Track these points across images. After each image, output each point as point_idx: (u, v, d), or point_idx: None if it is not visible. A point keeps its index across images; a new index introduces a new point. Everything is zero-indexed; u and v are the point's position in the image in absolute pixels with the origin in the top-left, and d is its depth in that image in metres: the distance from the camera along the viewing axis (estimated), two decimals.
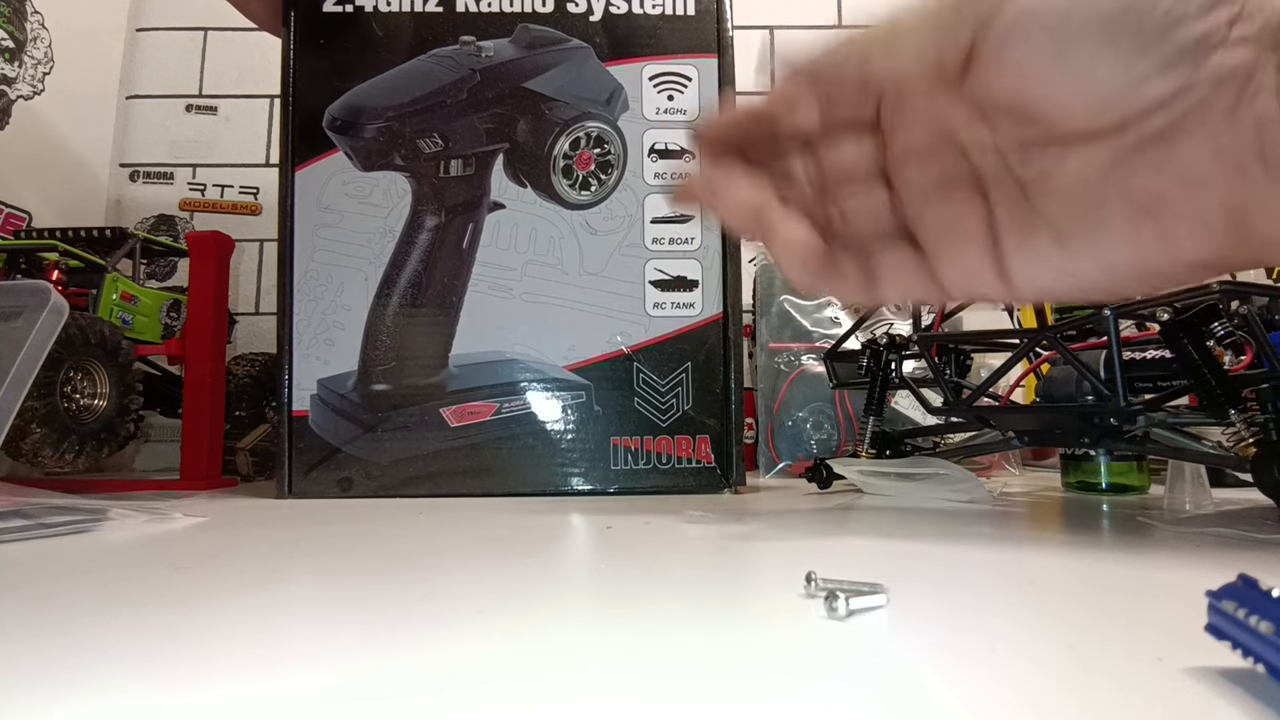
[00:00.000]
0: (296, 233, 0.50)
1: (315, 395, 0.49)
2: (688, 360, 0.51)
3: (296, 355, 0.49)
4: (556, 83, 0.51)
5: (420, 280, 0.50)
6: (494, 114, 0.51)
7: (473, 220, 0.50)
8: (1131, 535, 0.32)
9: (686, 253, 0.52)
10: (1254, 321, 0.35)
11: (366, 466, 0.48)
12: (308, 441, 0.49)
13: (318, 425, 0.49)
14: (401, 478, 0.49)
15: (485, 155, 0.51)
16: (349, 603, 0.21)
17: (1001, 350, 0.50)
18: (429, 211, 0.50)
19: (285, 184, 0.50)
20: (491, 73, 0.51)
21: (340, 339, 0.49)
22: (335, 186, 0.50)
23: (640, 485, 0.50)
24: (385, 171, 0.50)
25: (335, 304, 0.50)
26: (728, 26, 0.53)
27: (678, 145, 0.52)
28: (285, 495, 0.48)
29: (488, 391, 0.50)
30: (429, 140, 0.50)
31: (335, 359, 0.49)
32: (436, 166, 0.50)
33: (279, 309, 0.49)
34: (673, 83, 0.53)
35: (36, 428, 0.46)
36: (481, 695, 0.14)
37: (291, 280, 0.49)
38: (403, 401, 0.49)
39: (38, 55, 0.76)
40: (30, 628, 0.18)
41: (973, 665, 0.15)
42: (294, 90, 0.50)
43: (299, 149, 0.50)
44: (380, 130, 0.50)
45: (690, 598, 0.22)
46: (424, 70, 0.51)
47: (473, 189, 0.50)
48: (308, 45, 0.51)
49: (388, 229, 0.50)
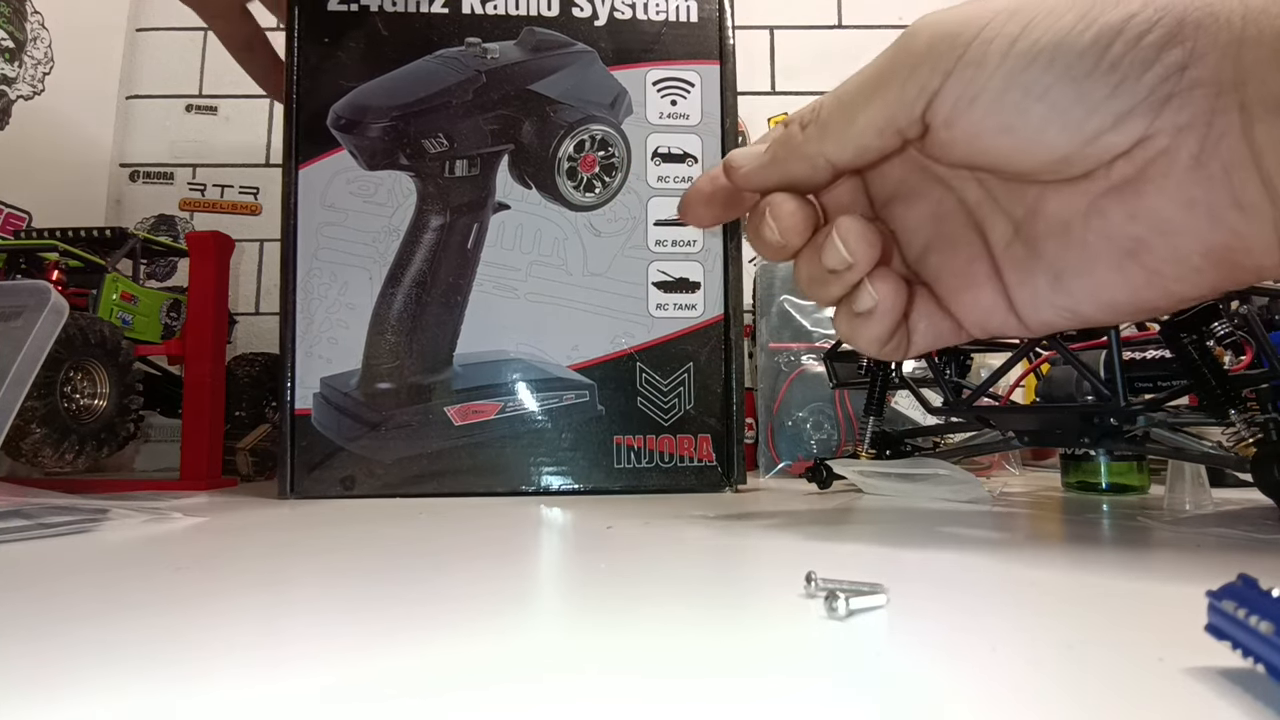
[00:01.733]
0: (300, 231, 0.50)
1: (318, 394, 0.49)
2: (690, 361, 0.51)
3: (299, 353, 0.49)
4: (561, 85, 0.51)
5: (425, 279, 0.50)
6: (499, 115, 0.51)
7: (478, 220, 0.51)
8: (1131, 535, 0.32)
9: (688, 255, 0.52)
10: (1254, 321, 0.35)
11: (370, 465, 0.48)
12: (310, 440, 0.48)
13: (320, 424, 0.49)
14: (405, 476, 0.49)
15: (490, 156, 0.51)
16: (349, 603, 0.21)
17: (1001, 350, 0.50)
18: (434, 211, 0.50)
19: (289, 182, 0.50)
20: (497, 75, 0.51)
21: (344, 337, 0.49)
22: (339, 185, 0.50)
23: (643, 485, 0.50)
24: (390, 171, 0.50)
25: (339, 302, 0.50)
26: (730, 34, 0.54)
27: (680, 150, 0.53)
28: (287, 495, 0.48)
29: (492, 390, 0.50)
30: (434, 140, 0.50)
31: (339, 357, 0.49)
32: (442, 166, 0.50)
33: (281, 307, 0.49)
34: (676, 88, 0.53)
35: (36, 428, 0.46)
36: (481, 695, 0.14)
37: (294, 278, 0.49)
38: (407, 400, 0.49)
39: (38, 55, 0.76)
40: (30, 628, 0.18)
41: (973, 665, 0.15)
42: (298, 88, 0.50)
43: (303, 147, 0.50)
44: (385, 130, 0.50)
45: (690, 598, 0.22)
46: (429, 71, 0.51)
47: (478, 189, 0.51)
48: (312, 42, 0.51)
49: (392, 228, 0.50)
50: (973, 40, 0.22)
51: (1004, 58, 0.22)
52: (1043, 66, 0.21)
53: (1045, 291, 0.25)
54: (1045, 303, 0.25)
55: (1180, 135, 0.21)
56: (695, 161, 0.53)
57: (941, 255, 0.27)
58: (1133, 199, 0.22)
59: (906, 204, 0.27)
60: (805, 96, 0.89)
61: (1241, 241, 0.21)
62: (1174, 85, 0.20)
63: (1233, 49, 0.20)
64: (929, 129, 0.24)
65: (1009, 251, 0.25)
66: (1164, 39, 0.20)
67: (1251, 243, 0.21)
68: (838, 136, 0.25)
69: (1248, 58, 0.20)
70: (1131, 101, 0.21)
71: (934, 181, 0.27)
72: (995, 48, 0.22)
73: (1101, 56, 0.21)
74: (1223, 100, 0.20)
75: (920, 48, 0.23)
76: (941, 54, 0.22)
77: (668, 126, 0.53)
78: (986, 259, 0.26)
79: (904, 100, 0.23)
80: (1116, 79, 0.21)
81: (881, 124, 0.24)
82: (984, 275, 0.26)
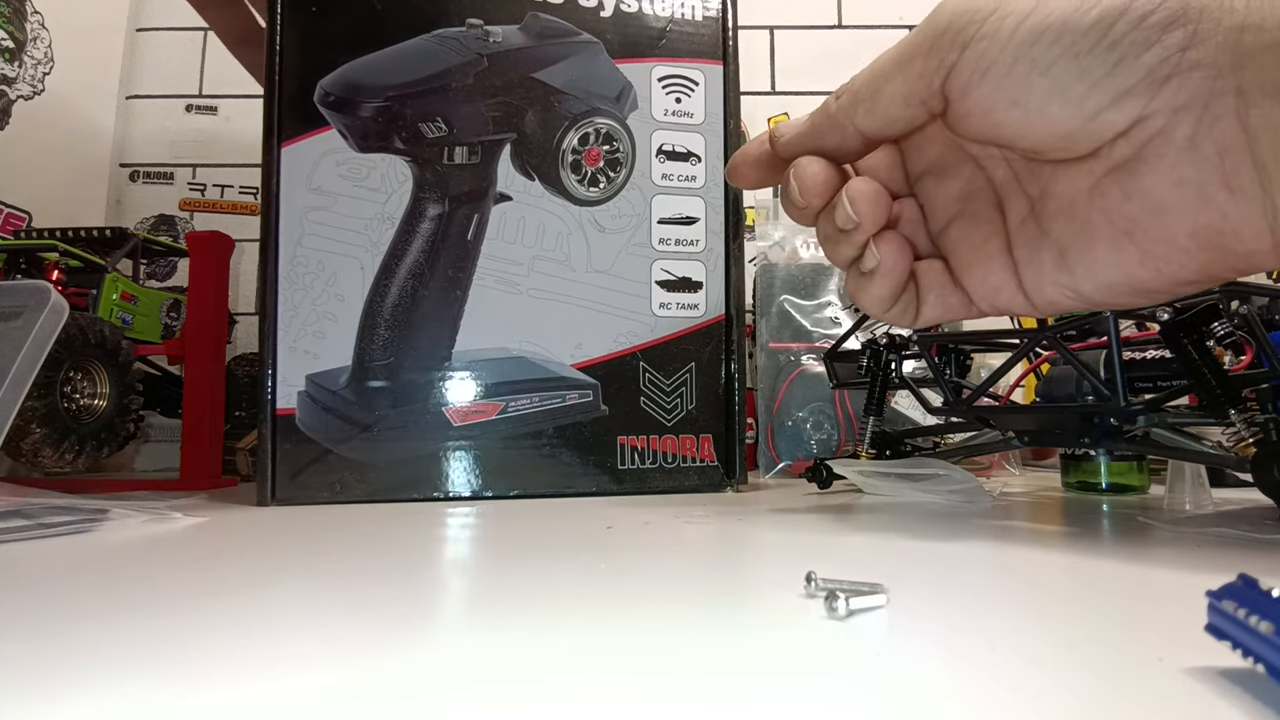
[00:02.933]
0: (282, 214, 0.46)
1: (304, 392, 0.45)
2: (692, 361, 0.51)
3: (282, 348, 0.45)
4: (566, 75, 0.50)
5: (422, 271, 0.47)
6: (501, 102, 0.49)
7: (478, 211, 0.48)
8: (1131, 535, 0.32)
9: (692, 254, 0.52)
10: (1254, 321, 0.35)
11: (361, 469, 0.45)
12: (294, 443, 0.45)
13: (306, 425, 0.45)
14: (399, 480, 0.46)
15: (491, 144, 0.49)
16: (348, 603, 0.21)
17: (1001, 350, 0.50)
18: (432, 200, 0.48)
19: (270, 160, 0.46)
20: (500, 59, 0.49)
21: (332, 331, 0.46)
22: (328, 167, 0.47)
23: (647, 485, 0.50)
24: (384, 154, 0.47)
25: (327, 293, 0.46)
26: (733, 35, 0.53)
27: (684, 148, 0.52)
28: (267, 502, 0.44)
29: (493, 389, 0.48)
30: (432, 125, 0.47)
31: (326, 353, 0.46)
32: (440, 153, 0.48)
33: (260, 296, 0.46)
34: (680, 85, 0.52)
35: (36, 428, 0.46)
36: (481, 695, 0.14)
37: (276, 266, 0.46)
38: (402, 399, 0.46)
39: (38, 55, 0.76)
40: (30, 628, 0.18)
41: (972, 665, 0.15)
42: (281, 57, 0.46)
43: (286, 123, 0.46)
44: (379, 110, 0.47)
45: (690, 598, 0.22)
46: (427, 50, 0.48)
47: (478, 178, 0.48)
48: (298, 9, 0.47)
49: (386, 215, 0.47)
50: (989, 15, 0.23)
51: (1014, 32, 0.23)
52: (1048, 42, 0.22)
53: (1050, 269, 0.26)
54: (1050, 280, 0.26)
55: (1176, 116, 0.21)
56: (699, 160, 0.52)
57: (962, 229, 0.28)
58: (1129, 179, 0.23)
59: (939, 180, 0.29)
60: (805, 96, 0.89)
61: (1229, 224, 0.22)
62: (1173, 66, 0.21)
63: (1234, 34, 0.20)
64: (949, 102, 0.25)
65: (1022, 229, 0.26)
66: (1167, 20, 0.21)
67: (1240, 226, 0.22)
68: (867, 107, 0.26)
69: (1248, 42, 0.20)
70: (1130, 80, 0.21)
71: (966, 160, 0.28)
72: (1008, 23, 0.23)
73: (1104, 35, 0.21)
74: (1220, 83, 0.21)
75: (942, 23, 0.24)
76: (960, 29, 0.24)
77: (672, 124, 0.52)
78: (1002, 236, 0.27)
79: (925, 73, 0.24)
80: (1116, 57, 0.21)
81: (905, 95, 0.25)
82: (997, 251, 0.27)
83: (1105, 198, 0.24)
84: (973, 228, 0.28)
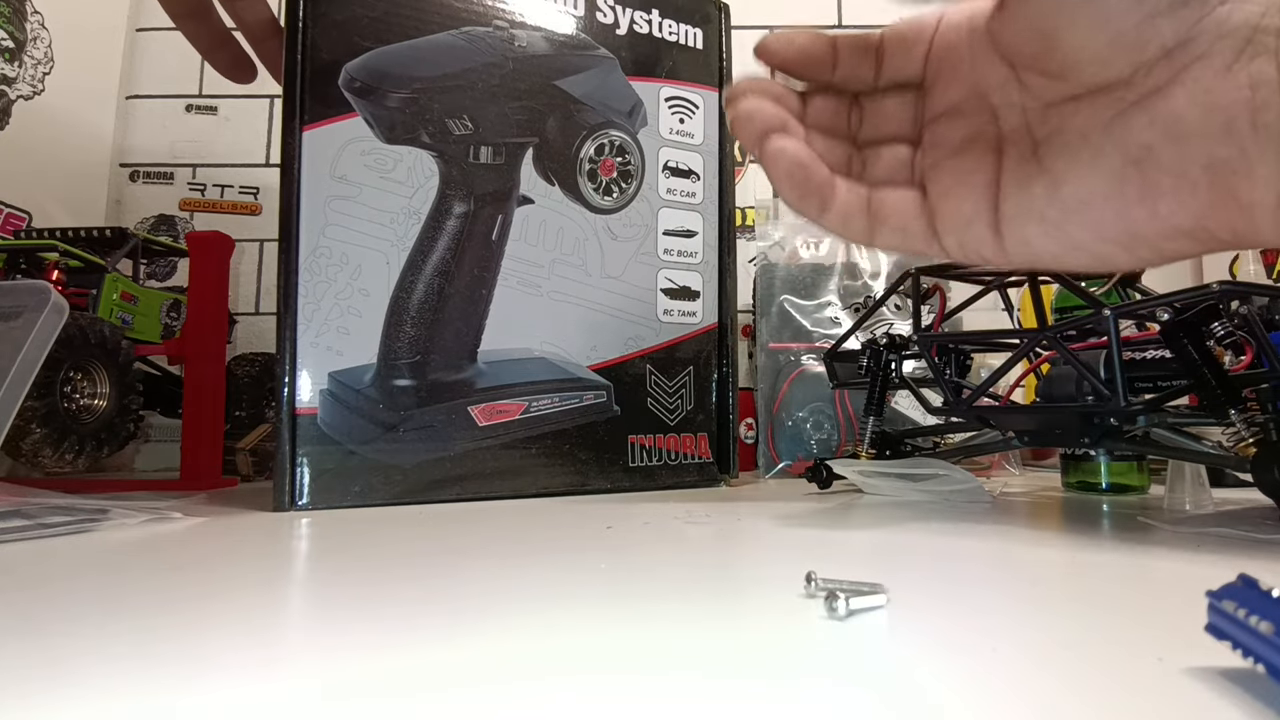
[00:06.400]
0: (304, 201, 0.43)
1: (326, 390, 0.43)
2: (690, 364, 0.55)
3: (302, 343, 0.43)
4: (585, 87, 0.51)
5: (449, 269, 0.46)
6: (525, 106, 0.49)
7: (502, 211, 0.48)
8: (1131, 535, 0.32)
9: (691, 265, 0.55)
10: (1254, 321, 0.35)
11: (387, 471, 0.44)
12: (316, 443, 0.42)
13: (327, 424, 0.43)
14: (426, 481, 0.45)
15: (515, 147, 0.49)
16: (349, 603, 0.21)
17: (1001, 350, 0.50)
18: (457, 197, 0.47)
19: (291, 143, 0.43)
20: (524, 64, 0.49)
21: (357, 327, 0.44)
22: (352, 155, 0.45)
23: (654, 482, 0.52)
24: (410, 147, 0.46)
25: (351, 287, 0.44)
26: (726, 62, 0.57)
27: (686, 166, 0.55)
28: (285, 508, 0.41)
29: (518, 389, 0.48)
30: (459, 121, 0.47)
31: (350, 350, 0.44)
32: (466, 150, 0.47)
33: (280, 288, 0.43)
34: (684, 107, 0.55)
35: (36, 428, 0.46)
36: (480, 694, 0.14)
37: (297, 255, 0.43)
38: (429, 399, 0.45)
39: (38, 55, 0.76)
40: (30, 628, 0.18)
41: (973, 665, 0.15)
42: (304, 36, 0.44)
43: (310, 105, 0.44)
44: (405, 100, 0.46)
45: (690, 597, 0.22)
46: (456, 46, 0.48)
47: (502, 179, 0.48)
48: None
49: (413, 210, 0.46)
50: None
51: None
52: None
53: (1039, 200, 0.26)
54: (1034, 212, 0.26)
55: (1219, 42, 0.22)
56: (698, 179, 0.55)
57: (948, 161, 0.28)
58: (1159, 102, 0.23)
59: (950, 123, 0.29)
60: None
61: (1245, 163, 0.22)
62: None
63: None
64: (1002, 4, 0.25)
65: (1018, 166, 0.26)
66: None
67: (1254, 168, 0.22)
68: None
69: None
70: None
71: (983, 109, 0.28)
72: None
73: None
74: (1267, 20, 0.21)
75: None
76: None
77: (677, 142, 0.54)
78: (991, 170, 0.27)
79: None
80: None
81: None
82: (980, 183, 0.27)
83: (1127, 125, 0.24)
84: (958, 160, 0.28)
